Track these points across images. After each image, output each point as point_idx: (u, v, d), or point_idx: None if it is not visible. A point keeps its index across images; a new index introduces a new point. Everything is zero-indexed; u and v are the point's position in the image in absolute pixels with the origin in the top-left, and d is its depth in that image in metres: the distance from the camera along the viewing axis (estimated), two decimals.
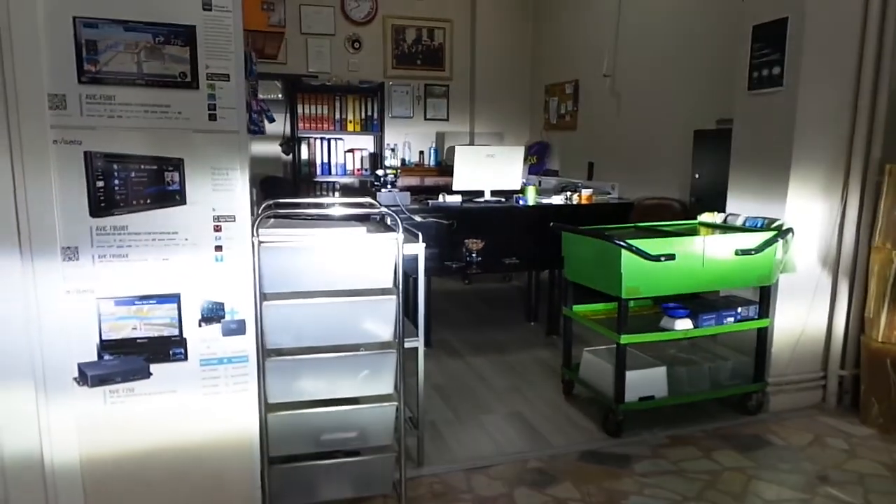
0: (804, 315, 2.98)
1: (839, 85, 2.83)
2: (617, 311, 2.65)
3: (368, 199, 2.40)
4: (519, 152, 4.11)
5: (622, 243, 2.54)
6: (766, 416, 2.91)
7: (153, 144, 1.76)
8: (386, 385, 2.07)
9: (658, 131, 4.75)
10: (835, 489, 2.32)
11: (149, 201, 1.77)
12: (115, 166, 1.73)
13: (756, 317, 2.87)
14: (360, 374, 2.04)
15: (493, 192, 4.02)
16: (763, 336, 2.89)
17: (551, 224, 3.05)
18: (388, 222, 2.19)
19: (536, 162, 6.30)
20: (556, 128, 6.29)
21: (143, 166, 1.76)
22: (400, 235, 2.04)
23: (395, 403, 2.08)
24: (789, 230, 2.80)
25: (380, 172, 4.36)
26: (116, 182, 1.74)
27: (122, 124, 1.73)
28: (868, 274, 2.87)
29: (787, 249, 2.83)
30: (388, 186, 4.21)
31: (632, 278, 2.56)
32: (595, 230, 2.84)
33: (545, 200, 3.97)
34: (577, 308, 3.01)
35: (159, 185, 1.78)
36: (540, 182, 4.67)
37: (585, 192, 3.99)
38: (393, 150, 6.24)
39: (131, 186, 1.75)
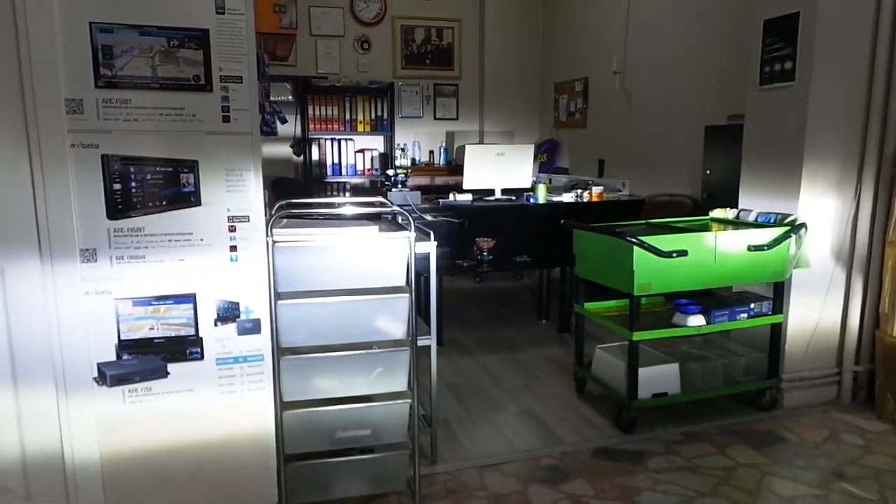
0: (818, 311, 2.96)
1: (852, 79, 2.81)
2: (629, 307, 2.65)
3: (380, 199, 2.41)
4: (529, 150, 4.11)
5: (634, 240, 2.53)
6: (780, 412, 2.90)
7: (168, 147, 1.79)
8: (399, 383, 2.09)
9: (669, 128, 4.73)
10: (850, 485, 2.31)
11: (164, 203, 1.80)
12: (132, 169, 1.76)
13: (769, 313, 2.85)
14: (374, 371, 2.06)
15: (504, 191, 4.02)
16: (777, 332, 2.88)
17: (562, 221, 3.05)
18: (400, 221, 2.20)
19: (547, 160, 6.30)
20: (566, 126, 6.28)
21: (158, 168, 1.79)
22: (412, 234, 2.05)
23: (409, 401, 2.10)
24: (802, 225, 2.79)
25: (390, 172, 4.38)
26: (133, 184, 1.76)
27: (138, 127, 1.76)
28: (882, 269, 2.84)
29: (801, 245, 2.81)
30: (399, 186, 4.23)
31: (644, 275, 2.56)
32: (606, 227, 2.84)
33: (556, 198, 3.97)
34: (589, 305, 3.01)
35: (174, 187, 1.81)
36: (550, 180, 4.68)
37: (596, 190, 4.00)
38: (403, 150, 6.26)
39: (147, 188, 1.78)
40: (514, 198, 4.00)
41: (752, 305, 2.83)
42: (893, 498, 2.22)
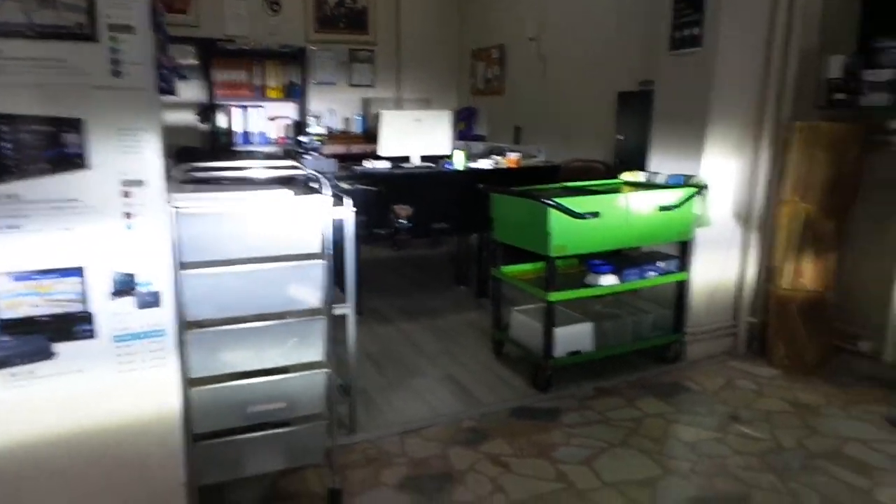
0: (719, 267, 3.14)
1: (753, 47, 2.95)
2: (545, 269, 2.70)
3: (292, 162, 2.30)
4: (446, 116, 4.07)
5: (549, 202, 2.57)
6: (683, 364, 3.08)
7: (48, 103, 1.60)
8: (315, 352, 2.02)
9: (583, 94, 4.81)
10: (745, 427, 2.49)
11: (45, 166, 1.62)
12: (3, 128, 1.57)
13: (676, 270, 3.00)
14: (288, 342, 1.98)
15: (423, 158, 3.97)
16: (682, 289, 3.03)
17: (480, 186, 3.05)
18: (315, 185, 2.11)
19: (465, 128, 6.27)
20: (484, 93, 6.27)
21: (36, 128, 1.60)
22: (328, 196, 1.97)
23: (326, 371, 2.04)
24: (704, 185, 2.93)
25: (303, 139, 4.21)
26: (5, 145, 1.57)
27: (10, 81, 1.56)
28: (776, 226, 3.04)
29: (704, 204, 2.96)
30: (313, 153, 4.08)
31: (559, 236, 2.61)
32: (524, 190, 2.86)
33: (473, 165, 3.96)
34: (506, 269, 3.05)
35: (56, 148, 1.63)
36: (469, 147, 4.66)
37: (513, 156, 4.02)
38: (317, 118, 6.04)
39: (23, 150, 1.59)
40: (432, 165, 3.95)
41: (660, 264, 2.96)
42: (783, 436, 2.42)
